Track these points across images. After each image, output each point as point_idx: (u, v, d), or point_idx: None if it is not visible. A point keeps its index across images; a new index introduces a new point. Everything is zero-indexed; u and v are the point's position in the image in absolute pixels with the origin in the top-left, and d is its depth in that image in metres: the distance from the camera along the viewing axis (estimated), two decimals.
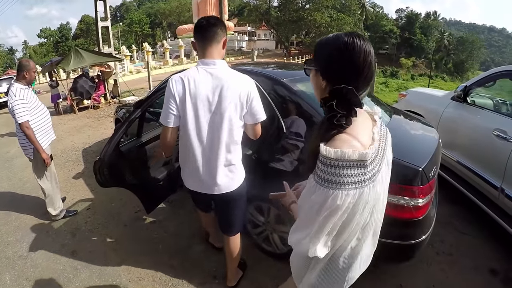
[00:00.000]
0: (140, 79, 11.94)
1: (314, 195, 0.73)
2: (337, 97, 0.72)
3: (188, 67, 9.38)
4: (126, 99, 7.23)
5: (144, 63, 16.58)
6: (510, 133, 2.22)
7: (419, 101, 3.52)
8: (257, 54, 32.29)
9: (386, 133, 0.89)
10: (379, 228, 0.93)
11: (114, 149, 1.78)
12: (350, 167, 0.70)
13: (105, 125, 5.55)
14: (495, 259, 2.15)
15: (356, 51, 0.73)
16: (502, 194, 2.22)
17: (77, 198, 2.94)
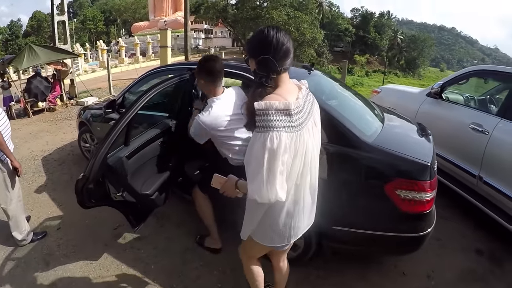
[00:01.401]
0: (96, 79, 10.99)
1: (255, 143, 0.93)
2: (259, 65, 1.01)
3: (145, 65, 8.98)
4: (84, 100, 6.57)
5: (99, 62, 15.43)
6: (486, 126, 2.42)
7: (393, 98, 3.70)
8: (213, 52, 32.06)
9: (313, 100, 1.15)
10: (316, 185, 1.15)
11: (101, 164, 1.51)
12: (278, 114, 0.93)
13: (64, 129, 4.95)
14: (478, 240, 2.35)
15: (267, 32, 1.00)
16: (480, 181, 2.42)
17: (43, 216, 2.53)
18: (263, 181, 0.92)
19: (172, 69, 2.74)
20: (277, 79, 1.03)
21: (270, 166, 0.91)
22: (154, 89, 1.67)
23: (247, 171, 0.98)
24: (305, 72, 2.02)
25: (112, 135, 1.51)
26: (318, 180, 1.17)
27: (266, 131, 0.91)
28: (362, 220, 1.63)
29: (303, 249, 1.81)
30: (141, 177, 1.83)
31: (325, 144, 1.58)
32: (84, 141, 3.46)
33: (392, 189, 1.48)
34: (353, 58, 46.38)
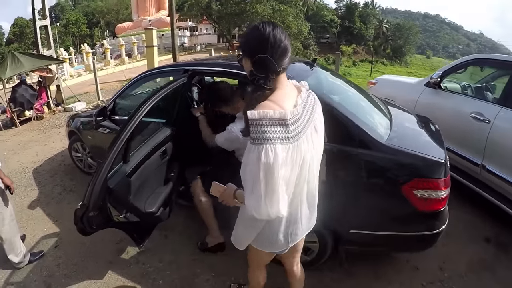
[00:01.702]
0: (82, 83, 10.61)
1: (249, 155, 0.87)
2: (256, 65, 0.92)
3: (131, 66, 8.69)
4: (72, 106, 6.31)
5: (85, 66, 14.99)
6: (487, 115, 2.42)
7: (390, 89, 3.68)
8: (199, 49, 31.79)
9: (314, 103, 1.05)
10: (316, 192, 1.11)
11: (101, 189, 1.40)
12: (273, 125, 0.85)
13: (53, 137, 4.73)
14: (483, 228, 2.38)
15: (263, 29, 0.91)
16: (484, 170, 2.43)
17: (39, 234, 2.38)
18: (261, 197, 0.86)
19: (165, 71, 2.62)
20: (275, 81, 0.94)
21: (267, 181, 0.85)
22: (152, 98, 1.55)
23: (244, 185, 0.93)
24: (307, 68, 1.94)
25: (111, 156, 1.39)
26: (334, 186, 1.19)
27: (260, 143, 0.84)
28: (379, 222, 1.59)
29: (317, 253, 1.77)
30: (144, 193, 1.73)
31: (338, 146, 1.53)
32: (76, 150, 3.31)
33: (409, 189, 1.44)
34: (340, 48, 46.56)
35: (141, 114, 1.48)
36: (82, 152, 3.24)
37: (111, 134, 2.68)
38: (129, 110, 2.91)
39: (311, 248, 1.78)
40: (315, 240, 1.71)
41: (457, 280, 1.91)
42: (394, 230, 1.59)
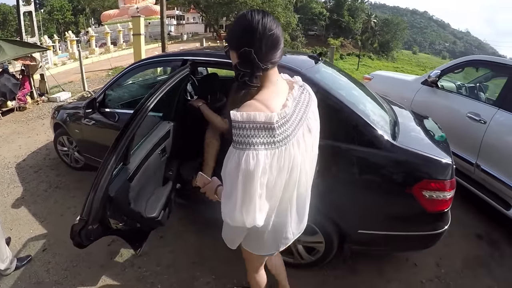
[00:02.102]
0: (67, 72, 10.06)
1: (230, 160, 0.80)
2: (241, 59, 0.82)
3: (117, 55, 8.35)
4: (56, 95, 5.96)
5: (69, 54, 14.28)
6: (483, 116, 2.47)
7: (386, 85, 3.69)
8: (186, 38, 31.12)
9: (309, 101, 0.96)
10: (308, 194, 1.04)
11: (102, 200, 1.27)
12: (258, 129, 0.77)
13: (37, 129, 4.45)
14: (476, 225, 2.45)
15: (251, 18, 0.80)
16: (478, 169, 2.50)
17: (25, 236, 2.22)
18: (236, 204, 0.80)
19: (161, 61, 2.49)
20: (263, 78, 0.86)
21: (245, 189, 0.78)
22: (158, 92, 1.42)
23: (223, 193, 0.87)
24: (312, 62, 1.87)
25: (112, 161, 1.26)
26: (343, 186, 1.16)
27: (242, 148, 0.77)
28: (387, 222, 1.59)
29: (323, 254, 1.75)
30: (144, 196, 1.60)
31: (349, 145, 1.50)
32: (62, 144, 3.12)
33: (419, 190, 1.44)
34: (327, 41, 46.74)
35: (146, 111, 1.36)
36: (69, 146, 3.07)
37: (101, 127, 2.53)
38: (120, 102, 2.77)
39: (317, 248, 1.76)
40: (321, 241, 1.69)
41: (454, 277, 1.96)
42: (401, 230, 1.60)
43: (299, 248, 1.80)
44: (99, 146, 2.67)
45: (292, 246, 1.82)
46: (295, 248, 1.81)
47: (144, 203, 1.56)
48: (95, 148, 2.73)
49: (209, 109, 2.01)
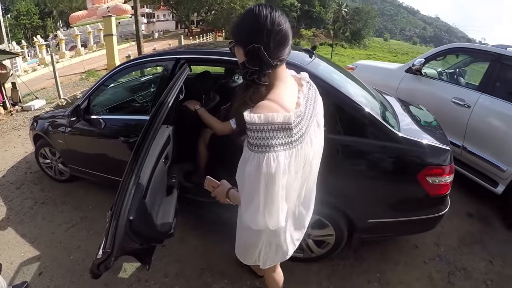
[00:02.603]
0: (38, 78, 9.39)
1: (248, 164, 0.78)
2: (249, 56, 0.79)
3: (88, 57, 7.93)
4: (30, 104, 5.54)
5: (39, 59, 13.47)
6: (468, 100, 2.60)
7: (370, 75, 3.76)
8: (157, 36, 30.31)
9: (315, 96, 0.97)
10: (314, 189, 1.06)
11: (125, 227, 1.16)
12: (277, 130, 0.76)
13: (13, 141, 4.11)
14: (467, 204, 2.60)
15: (261, 14, 0.77)
16: (465, 151, 2.64)
17: (16, 260, 2.04)
18: (259, 208, 0.80)
19: (151, 61, 2.35)
20: (273, 75, 0.83)
21: (268, 192, 0.78)
22: (167, 100, 1.32)
23: (241, 194, 0.87)
24: (307, 57, 1.85)
25: (131, 184, 1.16)
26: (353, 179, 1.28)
27: (262, 151, 0.76)
28: (396, 209, 1.65)
29: (333, 246, 1.78)
30: (154, 210, 1.51)
31: (357, 139, 1.52)
32: (44, 156, 2.92)
33: (424, 177, 1.50)
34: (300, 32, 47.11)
35: (159, 123, 1.27)
36: (52, 158, 2.88)
37: (87, 136, 2.40)
38: (106, 107, 2.63)
39: (327, 241, 1.79)
40: (332, 233, 1.72)
41: (453, 254, 2.08)
42: (407, 215, 1.67)
43: (309, 243, 1.82)
44: (86, 155, 2.54)
45: (302, 241, 1.83)
46: (305, 242, 1.82)
47: (155, 218, 1.48)
48: (82, 158, 2.58)
49: (207, 113, 1.95)
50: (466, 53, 3.06)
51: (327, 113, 1.03)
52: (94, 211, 2.51)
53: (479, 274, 1.92)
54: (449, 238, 2.22)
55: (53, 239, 2.22)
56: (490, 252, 2.09)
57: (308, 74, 1.54)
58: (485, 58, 2.70)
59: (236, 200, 0.97)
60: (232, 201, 0.99)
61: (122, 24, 27.75)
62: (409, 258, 2.03)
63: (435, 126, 1.96)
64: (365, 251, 2.02)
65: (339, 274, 1.88)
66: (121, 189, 1.16)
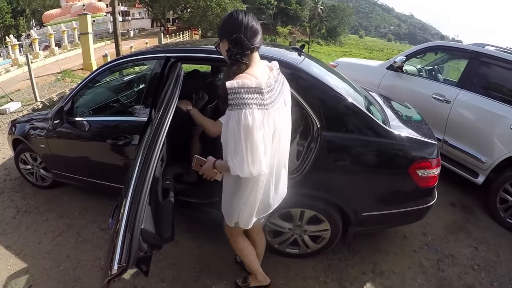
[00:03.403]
0: (12, 79, 8.78)
1: (230, 120, 0.99)
2: (233, 43, 1.07)
3: (63, 57, 7.67)
4: (5, 107, 5.19)
5: (12, 60, 12.69)
6: (447, 96, 2.74)
7: (352, 72, 3.82)
8: (133, 35, 29.51)
9: (283, 81, 1.22)
10: (286, 162, 1.25)
11: (138, 238, 1.12)
12: (251, 92, 0.99)
13: None
14: (449, 194, 2.74)
15: (237, 14, 1.09)
16: (446, 144, 2.77)
17: (3, 274, 1.92)
18: (244, 156, 0.98)
19: (140, 59, 2.27)
20: (250, 59, 1.10)
21: (248, 141, 0.97)
22: (171, 103, 1.30)
23: (226, 150, 1.04)
24: (296, 54, 1.88)
25: (143, 195, 1.12)
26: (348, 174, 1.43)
27: (240, 108, 0.97)
28: (388, 202, 1.72)
29: (328, 240, 1.82)
30: (156, 216, 1.46)
31: (353, 136, 1.57)
32: (24, 162, 2.77)
33: (414, 170, 1.58)
34: (276, 30, 47.42)
35: (165, 129, 1.25)
36: (33, 163, 2.73)
37: (71, 139, 2.30)
38: (90, 108, 2.53)
39: (322, 236, 1.83)
40: (327, 228, 1.76)
41: (440, 242, 2.20)
42: (399, 207, 1.75)
43: (305, 238, 1.85)
44: (70, 159, 2.43)
45: (297, 238, 1.87)
46: (301, 238, 1.86)
47: (157, 223, 1.45)
48: (65, 162, 2.47)
49: (199, 113, 1.92)
50: (445, 51, 3.21)
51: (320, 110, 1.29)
52: (81, 218, 2.41)
53: (466, 260, 2.05)
54: (435, 228, 2.34)
55: (40, 250, 2.11)
56: (474, 239, 2.23)
57: (303, 73, 1.59)
58: (463, 55, 2.85)
59: (223, 168, 1.12)
60: (220, 170, 1.14)
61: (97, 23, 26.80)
62: (399, 248, 2.12)
63: (420, 121, 2.05)
64: (357, 243, 2.09)
65: (335, 268, 1.93)
66: (134, 201, 1.12)
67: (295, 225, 1.81)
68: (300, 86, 1.58)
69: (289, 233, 1.86)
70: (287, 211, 1.77)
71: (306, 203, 1.70)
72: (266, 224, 1.81)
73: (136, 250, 1.10)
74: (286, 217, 1.81)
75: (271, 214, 1.66)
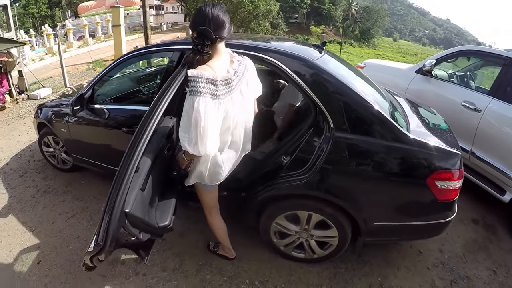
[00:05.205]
0: (45, 67, 9.44)
1: (186, 103, 1.14)
2: (197, 34, 1.20)
3: (96, 48, 7.94)
4: (36, 92, 5.56)
5: (47, 48, 13.57)
6: (478, 104, 2.53)
7: (379, 74, 3.68)
8: (166, 29, 30.34)
9: (244, 71, 1.34)
10: (243, 145, 1.44)
11: (119, 220, 1.13)
12: (206, 82, 1.13)
13: (18, 129, 4.12)
14: (472, 210, 2.55)
15: (204, 7, 1.21)
16: (473, 156, 2.57)
17: (16, 247, 2.04)
18: (193, 136, 1.13)
19: (157, 51, 2.31)
20: (213, 49, 1.23)
21: (199, 124, 1.11)
22: (167, 93, 1.26)
23: (180, 128, 1.17)
24: (316, 52, 1.81)
25: (127, 176, 1.13)
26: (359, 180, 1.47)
27: (195, 95, 1.11)
28: (402, 213, 1.60)
29: (336, 248, 1.75)
30: (153, 203, 1.48)
31: (365, 138, 1.48)
32: (47, 145, 2.92)
33: (433, 181, 1.45)
34: (309, 29, 46.74)
35: (159, 114, 1.23)
36: (55, 146, 2.87)
37: (90, 125, 2.37)
38: (110, 97, 2.60)
39: (330, 242, 1.76)
40: (335, 235, 1.68)
41: (457, 261, 2.03)
42: (413, 220, 1.62)
43: (312, 243, 1.79)
44: (89, 145, 2.52)
45: (303, 242, 1.81)
46: (307, 243, 1.80)
47: (154, 211, 1.45)
48: (85, 147, 2.57)
49: None
50: (478, 56, 2.97)
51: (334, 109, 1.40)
52: (95, 202, 2.51)
53: (482, 284, 1.88)
54: (453, 245, 2.17)
55: (53, 229, 2.22)
56: (494, 261, 2.05)
57: (317, 69, 1.52)
58: (497, 62, 2.62)
59: (188, 155, 1.29)
60: (187, 157, 1.32)
61: (131, 16, 27.81)
62: (412, 264, 1.99)
63: (445, 129, 1.91)
64: (367, 254, 1.99)
65: (341, 277, 1.85)
66: (116, 182, 1.13)
67: (302, 228, 1.75)
68: (314, 83, 1.52)
69: (295, 236, 1.80)
70: (293, 213, 1.72)
71: (314, 206, 1.64)
72: (273, 224, 1.78)
73: (114, 232, 1.12)
74: (293, 219, 1.75)
75: (273, 214, 1.75)
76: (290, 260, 1.92)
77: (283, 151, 1.68)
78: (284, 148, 1.68)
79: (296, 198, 1.68)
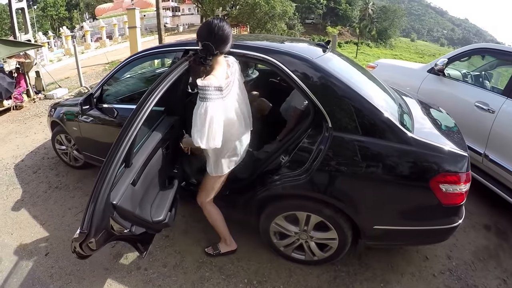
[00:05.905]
0: (63, 68, 9.83)
1: (199, 108, 1.31)
2: (202, 48, 1.37)
3: (113, 49, 8.19)
4: (53, 92, 5.81)
5: (64, 50, 14.10)
6: (492, 105, 2.42)
7: (391, 74, 3.59)
8: (182, 30, 30.82)
9: (235, 70, 1.56)
10: (251, 117, 1.68)
11: (104, 210, 1.17)
12: (213, 90, 1.33)
13: (34, 128, 4.32)
14: (484, 215, 2.43)
15: (212, 23, 1.37)
16: (486, 159, 2.46)
17: (26, 239, 2.15)
18: (205, 134, 1.30)
19: (159, 52, 2.35)
20: (214, 60, 1.41)
21: (210, 125, 1.30)
22: (158, 88, 1.30)
23: (193, 128, 1.33)
24: (319, 51, 1.80)
25: (113, 167, 1.16)
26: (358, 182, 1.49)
27: (205, 101, 1.30)
28: (404, 217, 1.55)
29: (336, 250, 1.71)
30: (149, 199, 1.51)
31: (365, 138, 1.45)
32: (59, 143, 3.03)
33: (436, 184, 1.39)
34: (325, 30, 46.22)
35: (148, 108, 1.26)
36: (67, 144, 2.98)
37: (99, 124, 2.45)
38: (119, 97, 2.67)
39: (329, 244, 1.73)
40: (335, 237, 1.65)
41: (465, 269, 1.94)
42: (416, 224, 1.57)
43: (311, 245, 1.76)
44: (98, 143, 2.59)
45: (303, 243, 1.79)
46: (307, 244, 1.78)
47: (149, 206, 1.48)
48: (94, 145, 2.65)
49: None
50: (493, 55, 2.83)
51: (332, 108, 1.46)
52: None
53: None
54: (462, 252, 2.08)
55: (62, 222, 2.31)
56: (505, 270, 1.94)
57: (315, 68, 1.51)
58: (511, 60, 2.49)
59: (188, 143, 1.59)
60: (185, 145, 1.62)
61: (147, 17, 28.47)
62: (417, 270, 1.92)
63: (453, 130, 1.83)
64: (370, 259, 1.95)
65: (341, 281, 1.82)
66: (101, 173, 1.16)
67: (301, 229, 1.73)
68: (312, 82, 1.51)
69: (295, 237, 1.79)
70: (292, 214, 1.70)
71: (313, 207, 1.62)
72: (272, 224, 1.77)
73: (99, 221, 1.16)
74: (292, 220, 1.74)
75: (272, 214, 1.76)
76: (290, 262, 1.91)
77: (282, 150, 1.67)
78: (283, 148, 1.67)
79: (295, 198, 1.67)
